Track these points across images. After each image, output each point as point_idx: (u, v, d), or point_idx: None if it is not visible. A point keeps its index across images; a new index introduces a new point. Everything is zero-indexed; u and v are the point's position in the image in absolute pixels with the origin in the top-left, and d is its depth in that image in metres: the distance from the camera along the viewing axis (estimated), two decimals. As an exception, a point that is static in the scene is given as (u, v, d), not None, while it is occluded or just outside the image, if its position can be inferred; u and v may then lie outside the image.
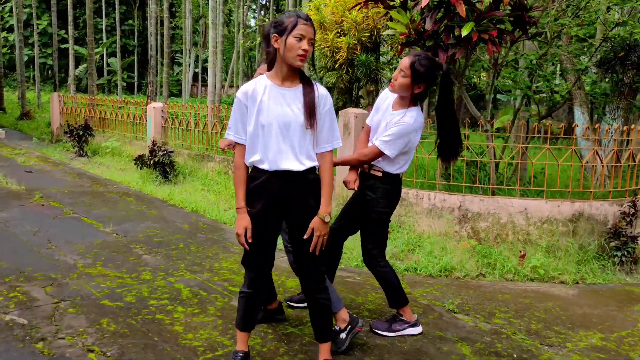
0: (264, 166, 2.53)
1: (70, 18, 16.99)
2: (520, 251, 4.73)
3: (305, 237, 2.57)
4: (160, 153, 7.63)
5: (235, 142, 2.58)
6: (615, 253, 4.72)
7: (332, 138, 2.61)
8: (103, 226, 5.43)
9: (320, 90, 2.57)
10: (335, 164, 3.07)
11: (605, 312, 3.87)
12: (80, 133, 9.77)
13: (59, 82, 34.70)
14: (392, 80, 3.11)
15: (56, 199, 6.54)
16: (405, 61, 3.08)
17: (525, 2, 4.91)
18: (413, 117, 3.09)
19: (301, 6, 13.18)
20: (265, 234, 2.61)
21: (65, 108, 12.11)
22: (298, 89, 2.55)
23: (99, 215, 5.86)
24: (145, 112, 9.39)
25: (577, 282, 4.48)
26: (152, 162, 7.66)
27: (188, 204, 6.49)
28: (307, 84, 2.56)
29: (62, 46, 32.77)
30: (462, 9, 4.48)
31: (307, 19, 2.48)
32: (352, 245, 4.79)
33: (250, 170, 2.61)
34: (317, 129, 2.55)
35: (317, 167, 2.62)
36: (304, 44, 2.43)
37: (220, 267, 4.41)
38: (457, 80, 5.51)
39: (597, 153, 5.33)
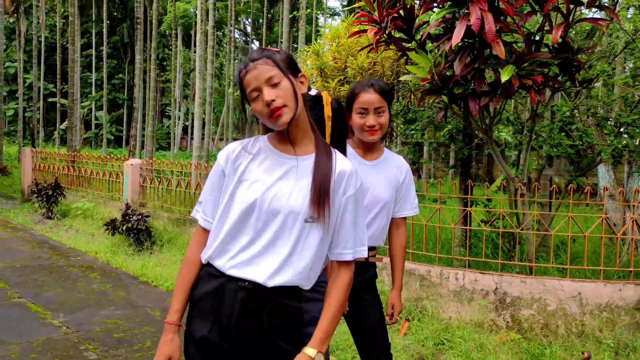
0: (220, 263, 1.55)
1: (58, 72, 16.33)
2: (583, 353, 3.69)
3: None
4: (135, 218, 6.60)
5: (199, 226, 1.66)
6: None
7: (355, 242, 1.60)
8: (52, 316, 4.33)
9: (341, 164, 1.60)
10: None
11: None
12: (50, 193, 8.71)
13: (46, 136, 33.91)
14: (369, 128, 2.21)
15: (3, 276, 5.41)
16: (372, 95, 2.21)
17: (571, 43, 4.08)
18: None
19: (297, 52, 12.52)
20: None
21: (38, 164, 11.13)
22: (307, 159, 1.60)
23: (50, 299, 4.75)
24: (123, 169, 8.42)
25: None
26: (124, 227, 6.62)
27: (163, 281, 5.41)
28: (322, 151, 1.60)
29: (50, 100, 32.29)
30: (500, 50, 3.62)
31: (258, 56, 1.54)
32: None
33: (201, 269, 1.63)
34: (330, 223, 1.56)
35: (319, 287, 1.69)
36: (266, 92, 1.51)
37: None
38: (486, 134, 4.62)
39: (637, 222, 4.42)
